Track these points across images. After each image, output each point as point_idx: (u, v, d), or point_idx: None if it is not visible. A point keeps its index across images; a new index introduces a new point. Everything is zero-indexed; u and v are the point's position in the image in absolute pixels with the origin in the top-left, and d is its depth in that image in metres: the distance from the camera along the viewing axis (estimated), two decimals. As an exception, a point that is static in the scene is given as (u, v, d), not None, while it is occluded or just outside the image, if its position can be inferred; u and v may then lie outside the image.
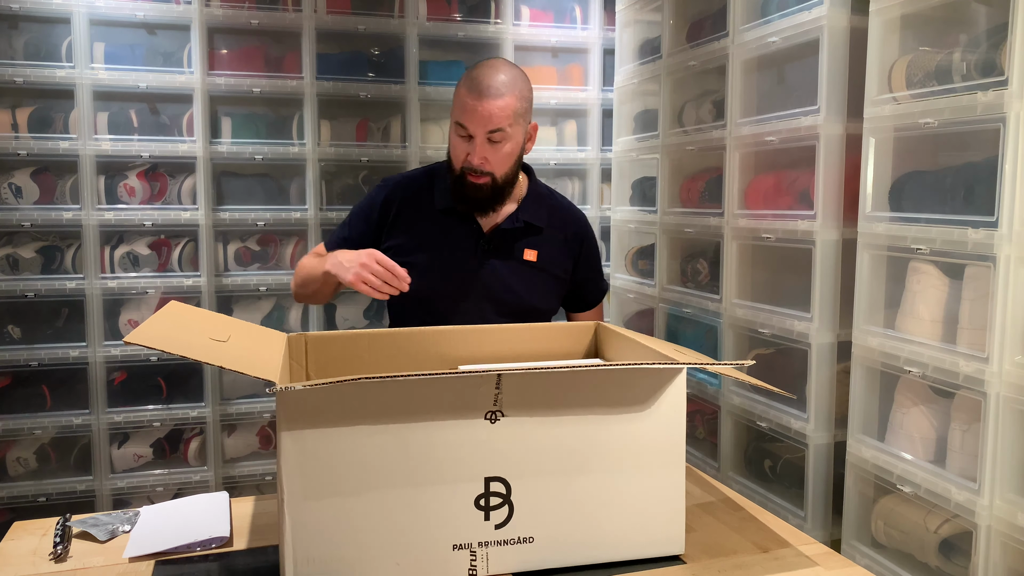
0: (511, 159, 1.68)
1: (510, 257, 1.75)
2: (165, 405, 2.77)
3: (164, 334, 1.05)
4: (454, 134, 1.68)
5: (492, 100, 1.61)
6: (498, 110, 1.61)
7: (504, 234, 1.74)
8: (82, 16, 2.61)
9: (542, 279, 1.78)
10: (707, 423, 2.52)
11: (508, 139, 1.64)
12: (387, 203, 1.75)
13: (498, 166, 1.66)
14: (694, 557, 1.13)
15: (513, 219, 1.75)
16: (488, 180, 1.66)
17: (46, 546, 1.16)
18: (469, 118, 1.62)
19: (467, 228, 1.73)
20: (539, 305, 1.78)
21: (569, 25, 3.11)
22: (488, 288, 1.72)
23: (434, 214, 1.74)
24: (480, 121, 1.61)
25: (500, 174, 1.67)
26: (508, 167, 1.68)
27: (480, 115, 1.61)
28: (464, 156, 1.65)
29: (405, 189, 1.77)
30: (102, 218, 2.68)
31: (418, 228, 1.73)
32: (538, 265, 1.77)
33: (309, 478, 0.99)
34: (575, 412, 1.07)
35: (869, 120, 1.80)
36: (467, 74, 1.67)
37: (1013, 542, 1.48)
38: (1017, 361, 1.47)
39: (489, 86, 1.62)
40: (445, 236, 1.72)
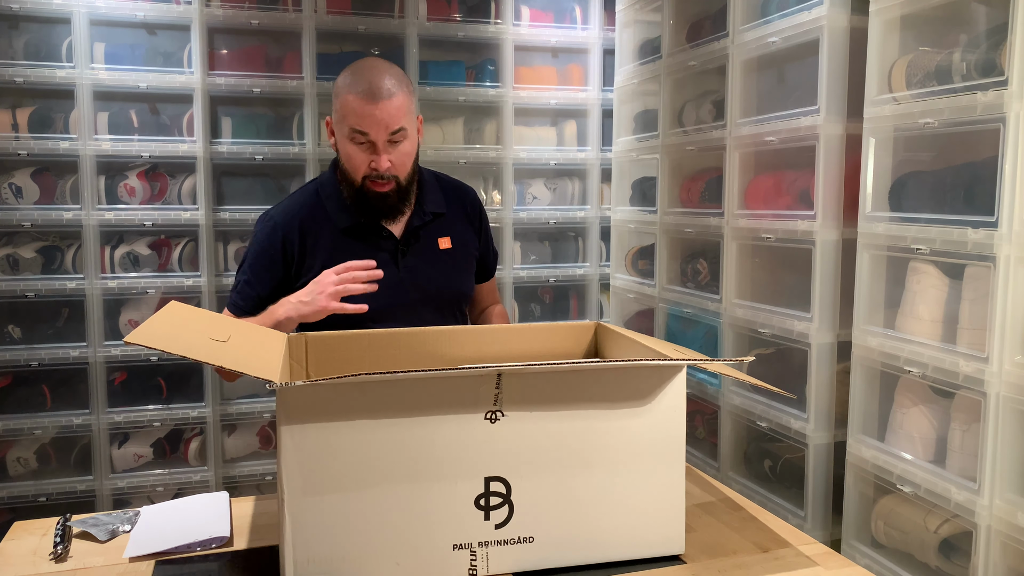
0: (411, 158, 1.62)
1: (428, 250, 1.70)
2: (165, 405, 2.77)
3: (164, 334, 1.05)
4: (349, 144, 1.57)
5: (388, 101, 1.53)
6: (395, 110, 1.53)
7: (416, 231, 1.69)
8: (82, 16, 2.61)
9: (461, 262, 1.75)
10: (707, 423, 2.52)
11: (407, 137, 1.58)
12: (286, 240, 1.63)
13: (401, 168, 1.59)
14: (694, 557, 1.13)
15: (420, 214, 1.69)
16: (392, 185, 1.59)
17: (46, 546, 1.16)
18: (369, 123, 1.53)
19: (378, 238, 1.66)
20: (464, 289, 1.77)
21: (569, 25, 3.11)
22: (418, 289, 1.67)
23: (337, 236, 1.64)
24: (381, 124, 1.53)
25: (404, 176, 1.61)
26: (410, 167, 1.62)
27: (379, 118, 1.53)
28: (367, 164, 1.57)
29: (299, 219, 1.65)
30: (102, 218, 2.68)
31: (327, 254, 1.63)
32: (454, 250, 1.73)
33: (309, 475, 0.98)
34: (575, 411, 1.07)
35: (869, 120, 1.80)
36: (350, 80, 1.55)
37: (1013, 542, 1.48)
38: (1017, 361, 1.47)
39: (380, 86, 1.53)
40: (359, 253, 1.62)
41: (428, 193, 1.72)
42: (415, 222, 1.68)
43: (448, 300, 1.73)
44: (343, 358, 1.38)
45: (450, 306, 1.74)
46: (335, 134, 1.62)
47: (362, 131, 1.54)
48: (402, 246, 1.67)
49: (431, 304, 1.70)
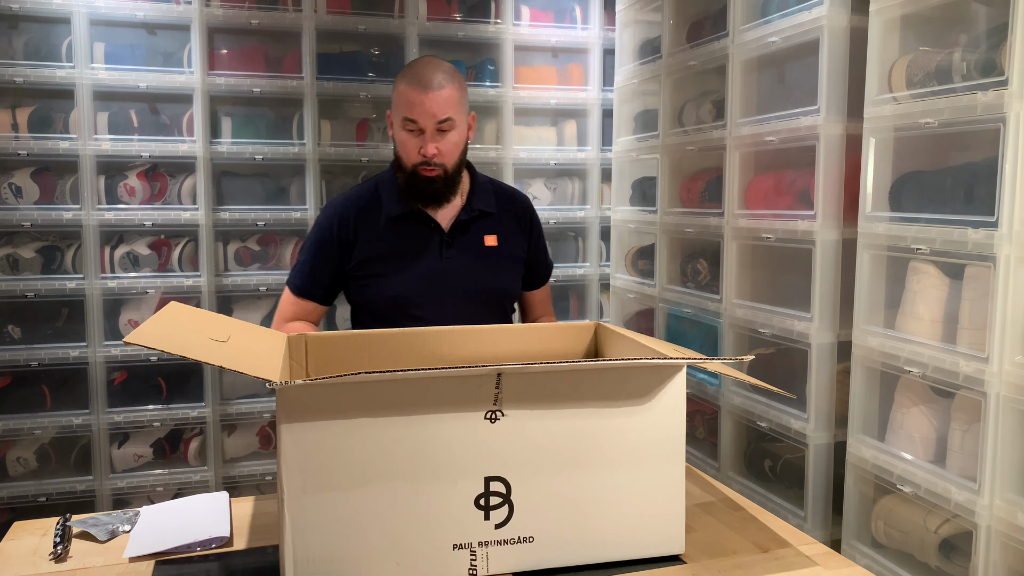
0: (459, 149, 1.74)
1: (473, 246, 1.80)
2: (165, 405, 2.77)
3: (164, 334, 1.05)
4: (402, 132, 1.71)
5: (437, 92, 1.66)
6: (444, 100, 1.66)
7: (464, 225, 1.79)
8: (82, 16, 2.61)
9: (505, 261, 1.84)
10: (707, 423, 2.52)
11: (455, 128, 1.70)
12: (341, 225, 1.77)
13: (448, 156, 1.71)
14: (694, 557, 1.12)
15: (468, 209, 1.80)
16: (440, 172, 1.71)
17: (46, 546, 1.16)
18: (418, 112, 1.66)
19: (426, 228, 1.77)
20: (507, 287, 1.85)
21: (569, 25, 3.11)
22: (460, 280, 1.76)
23: (388, 223, 1.77)
24: (429, 113, 1.66)
25: (451, 164, 1.72)
26: (457, 157, 1.73)
27: (428, 107, 1.65)
28: (416, 151, 1.69)
29: (353, 206, 1.78)
30: (102, 218, 2.68)
31: (378, 240, 1.76)
32: (499, 248, 1.82)
33: (309, 474, 0.98)
34: (575, 411, 1.07)
35: (869, 120, 1.80)
36: (405, 73, 1.71)
37: (1013, 542, 1.48)
38: (1017, 361, 1.47)
39: (431, 79, 1.66)
40: (407, 241, 1.76)
41: (479, 193, 1.83)
42: (462, 217, 1.79)
43: (490, 296, 1.81)
44: (343, 358, 1.38)
45: (493, 303, 1.82)
46: (392, 125, 1.75)
47: (412, 119, 1.67)
48: (447, 238, 1.77)
49: (473, 298, 1.78)
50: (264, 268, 2.88)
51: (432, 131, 1.68)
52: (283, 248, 2.90)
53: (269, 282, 2.84)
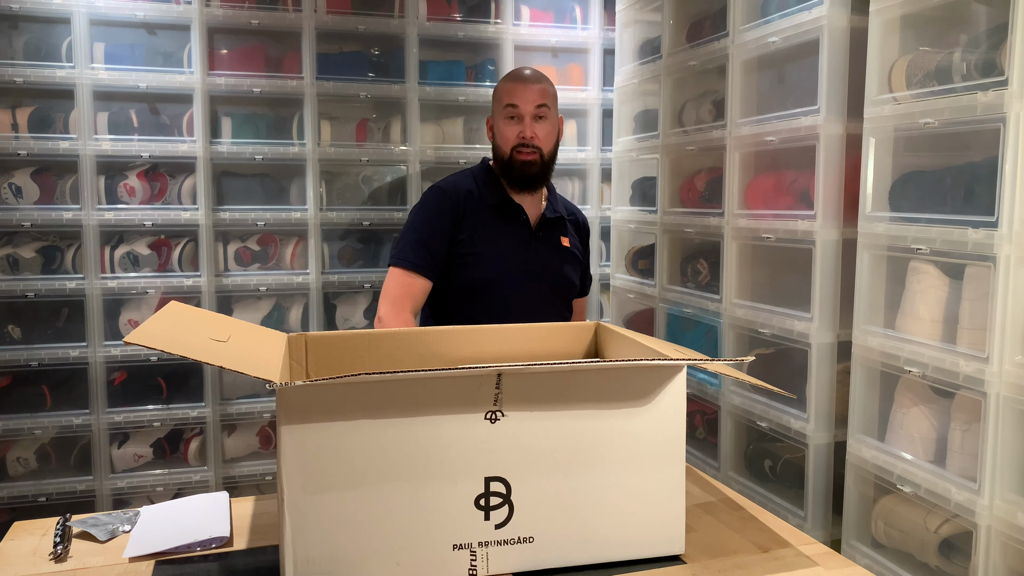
0: (552, 137, 1.95)
1: (554, 243, 2.02)
2: (165, 405, 2.77)
3: (164, 334, 1.05)
4: (502, 119, 1.92)
5: (535, 82, 1.91)
6: (541, 89, 1.92)
7: (548, 223, 2.02)
8: (82, 16, 2.61)
9: (574, 261, 2.08)
10: (707, 423, 2.52)
11: (550, 117, 1.93)
12: (455, 205, 1.94)
13: (544, 141, 1.91)
14: (694, 557, 1.12)
15: (551, 210, 2.02)
16: (536, 156, 1.91)
17: (46, 546, 1.16)
18: (519, 96, 1.88)
19: (518, 220, 1.98)
20: (576, 282, 2.09)
21: (569, 25, 3.11)
22: (543, 269, 1.98)
23: (487, 210, 1.96)
24: (528, 98, 1.89)
25: (546, 150, 1.93)
26: (551, 145, 1.95)
27: (528, 93, 1.89)
28: (515, 135, 1.90)
29: (460, 191, 1.97)
30: (102, 218, 2.68)
31: (480, 223, 1.95)
32: (571, 249, 2.06)
33: (309, 474, 0.98)
34: (575, 411, 1.07)
35: (869, 120, 1.80)
36: (507, 76, 1.97)
37: (1013, 542, 1.48)
38: (1017, 361, 1.47)
39: (530, 74, 1.94)
40: (502, 227, 1.96)
41: (554, 199, 2.08)
42: (548, 215, 2.02)
43: (561, 288, 2.04)
44: (343, 358, 1.38)
45: (562, 295, 2.05)
46: (492, 126, 2.00)
47: (512, 104, 1.90)
48: (536, 232, 2.01)
49: (549, 287, 2.00)
50: (264, 268, 2.88)
51: (530, 116, 1.89)
52: (283, 248, 2.90)
53: (269, 282, 2.84)
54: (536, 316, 1.89)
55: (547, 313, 1.97)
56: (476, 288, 1.93)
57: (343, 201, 2.94)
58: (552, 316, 1.99)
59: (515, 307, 1.91)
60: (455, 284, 1.94)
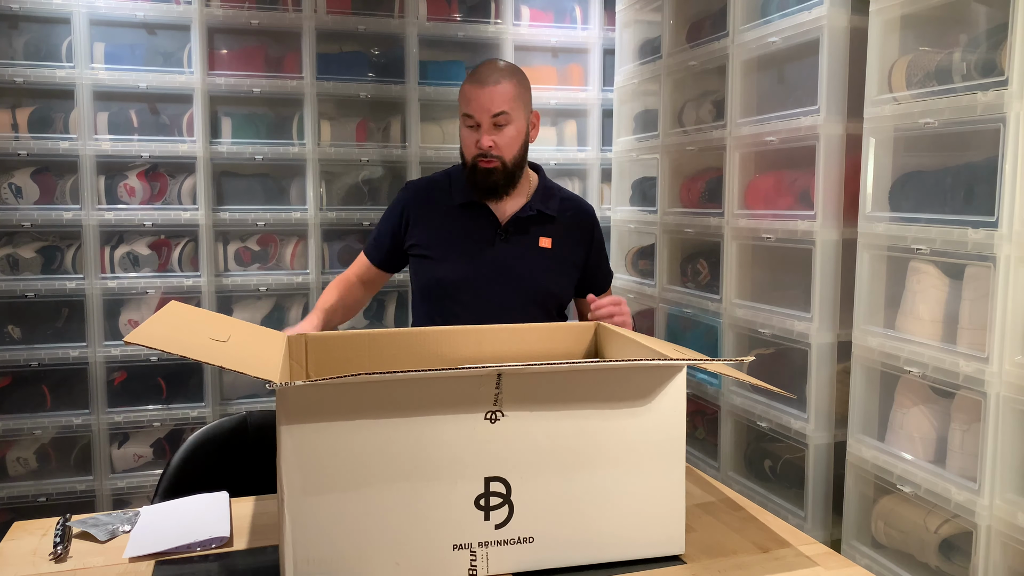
0: (517, 143, 1.79)
1: (526, 244, 1.84)
2: (165, 405, 2.77)
3: (164, 334, 1.05)
4: (463, 127, 1.80)
5: (492, 86, 1.74)
6: (498, 95, 1.74)
7: (519, 222, 1.84)
8: (82, 16, 2.61)
9: (556, 265, 1.86)
10: (707, 423, 2.52)
11: (511, 122, 1.76)
12: (406, 205, 1.88)
13: (506, 149, 1.77)
14: (694, 557, 1.12)
15: (527, 208, 1.85)
16: (498, 164, 1.77)
17: (46, 546, 1.16)
18: (474, 106, 1.75)
19: (485, 219, 1.84)
20: (554, 289, 1.86)
21: (569, 25, 3.11)
22: (507, 272, 1.81)
23: (453, 210, 1.85)
24: (483, 107, 1.74)
25: (508, 158, 1.78)
26: (515, 151, 1.79)
27: (482, 101, 1.74)
28: (474, 144, 1.77)
29: (423, 190, 1.90)
30: (102, 218, 2.68)
31: (437, 223, 1.85)
32: (552, 252, 1.85)
33: (309, 474, 0.98)
34: (575, 411, 1.07)
35: (869, 120, 1.80)
36: (470, 76, 1.80)
37: (1013, 542, 1.48)
38: (1017, 361, 1.47)
39: (488, 75, 1.75)
40: (464, 227, 1.84)
41: (542, 195, 1.88)
42: (520, 214, 1.84)
43: (533, 294, 1.83)
44: (343, 358, 1.38)
45: (538, 301, 1.84)
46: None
47: (469, 113, 1.77)
48: (502, 232, 1.83)
49: (517, 292, 1.82)
50: (264, 268, 2.88)
51: (488, 125, 1.75)
52: (283, 248, 2.90)
53: (269, 282, 2.84)
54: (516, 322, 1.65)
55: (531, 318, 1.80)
56: (433, 290, 1.83)
57: (343, 201, 2.94)
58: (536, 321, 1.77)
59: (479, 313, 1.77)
60: (416, 286, 1.89)
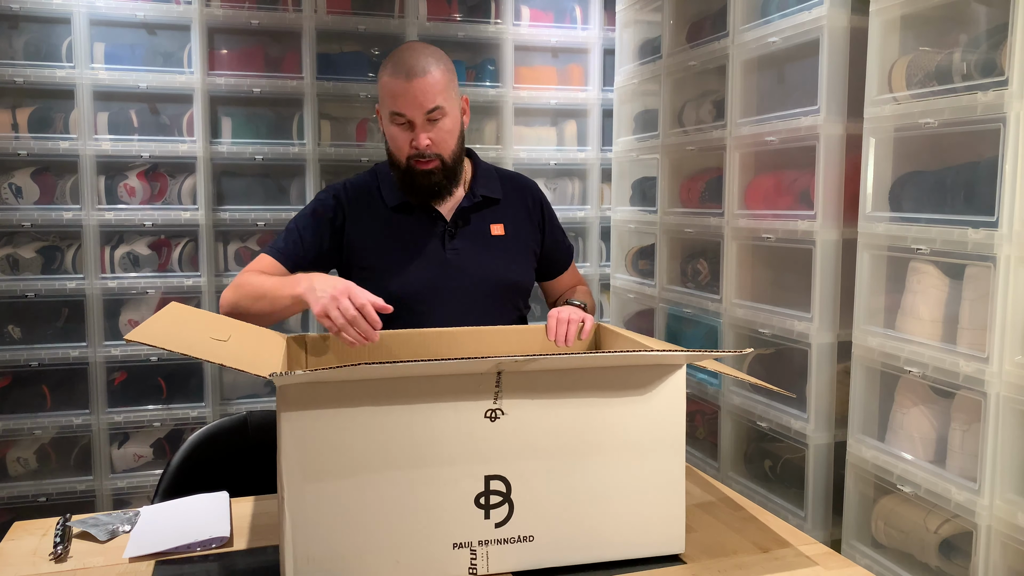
0: (454, 136, 1.61)
1: (479, 236, 1.68)
2: (165, 405, 2.77)
3: (164, 332, 1.05)
4: (391, 126, 1.59)
5: (422, 79, 1.53)
6: (430, 88, 1.54)
7: (466, 213, 1.68)
8: (82, 16, 2.61)
9: (515, 252, 1.72)
10: (707, 423, 2.52)
11: (446, 115, 1.58)
12: (338, 205, 1.66)
13: (443, 146, 1.59)
14: (694, 557, 1.12)
15: (470, 196, 1.68)
16: (437, 163, 1.59)
17: (46, 546, 1.16)
18: (404, 104, 1.54)
19: (427, 217, 1.66)
20: (517, 279, 1.72)
21: (569, 25, 3.11)
22: (465, 271, 1.65)
23: (387, 214, 1.66)
24: (415, 103, 1.54)
25: (447, 154, 1.60)
26: (453, 145, 1.62)
27: (414, 97, 1.54)
28: (408, 144, 1.58)
29: (352, 192, 1.69)
30: (102, 218, 2.68)
31: (375, 230, 1.65)
32: (507, 238, 1.71)
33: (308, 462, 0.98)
34: (575, 409, 1.07)
35: (869, 120, 1.80)
36: (388, 65, 1.58)
37: (1013, 542, 1.47)
38: (1017, 361, 1.47)
39: (414, 66, 1.54)
40: (407, 231, 1.65)
41: (483, 180, 1.72)
42: (465, 204, 1.68)
43: (499, 289, 1.68)
44: (342, 359, 1.38)
45: (502, 298, 1.68)
46: (381, 120, 1.64)
47: (399, 112, 1.56)
48: (450, 228, 1.66)
49: (480, 290, 1.65)
50: (264, 268, 2.87)
51: (422, 121, 1.56)
52: (283, 248, 2.90)
53: (269, 282, 2.84)
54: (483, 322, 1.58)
55: (499, 316, 1.65)
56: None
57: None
58: (505, 318, 1.67)
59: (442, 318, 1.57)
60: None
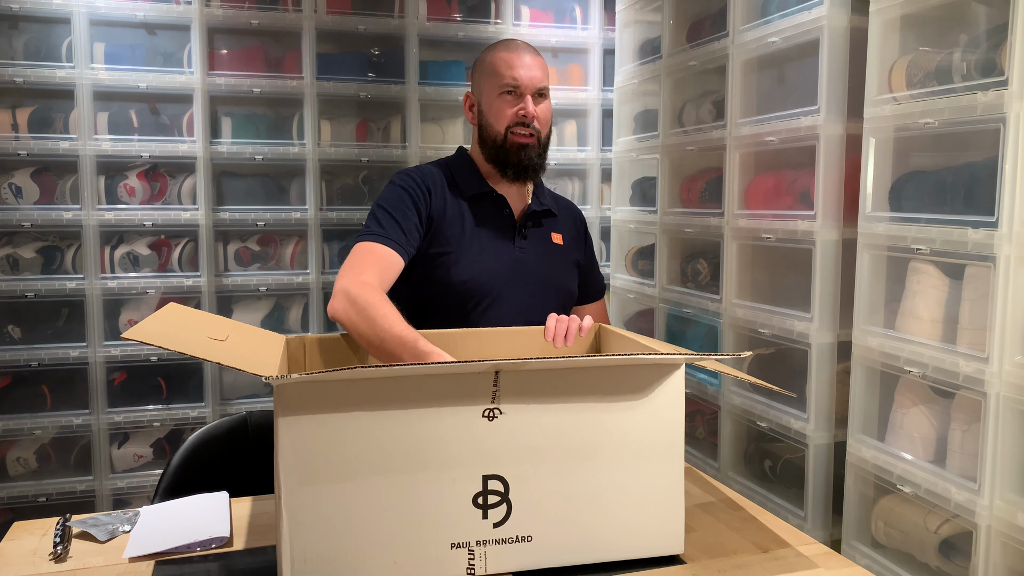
0: (550, 121, 1.71)
1: (544, 240, 1.75)
2: (165, 405, 2.77)
3: (163, 331, 1.05)
4: (496, 99, 1.65)
5: (537, 57, 1.66)
6: (542, 67, 1.66)
7: (535, 217, 1.74)
8: (82, 16, 2.61)
9: (570, 263, 1.79)
10: (707, 423, 2.52)
11: (548, 99, 1.69)
12: (424, 188, 1.67)
13: (544, 124, 1.68)
14: (694, 557, 1.12)
15: (538, 204, 1.75)
16: (534, 139, 1.66)
17: (46, 546, 1.16)
18: (521, 71, 1.63)
19: (500, 213, 1.71)
20: (571, 287, 1.78)
21: (569, 25, 3.11)
22: (532, 271, 1.69)
23: (462, 204, 1.69)
24: (532, 75, 1.64)
25: (544, 133, 1.68)
26: (548, 129, 1.70)
27: (532, 69, 1.64)
28: (514, 113, 1.64)
29: (432, 178, 1.70)
30: (102, 218, 2.68)
31: (454, 217, 1.67)
32: (564, 249, 1.78)
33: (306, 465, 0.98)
34: (574, 409, 1.06)
35: (869, 120, 1.80)
36: (498, 46, 1.68)
37: (1013, 542, 1.47)
38: (1017, 361, 1.46)
39: (524, 47, 1.66)
40: (483, 222, 1.69)
41: (541, 192, 1.79)
42: (534, 208, 1.74)
43: (559, 293, 1.74)
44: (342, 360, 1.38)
45: (559, 301, 1.72)
46: (477, 101, 1.71)
47: (513, 81, 1.63)
48: (520, 227, 1.72)
49: (543, 292, 1.70)
50: (264, 268, 2.88)
51: (533, 94, 1.64)
52: (283, 248, 2.90)
53: (269, 282, 2.84)
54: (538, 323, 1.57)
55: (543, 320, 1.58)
56: (454, 293, 1.62)
57: (343, 201, 2.94)
58: None
59: (501, 314, 1.63)
60: (429, 290, 1.64)
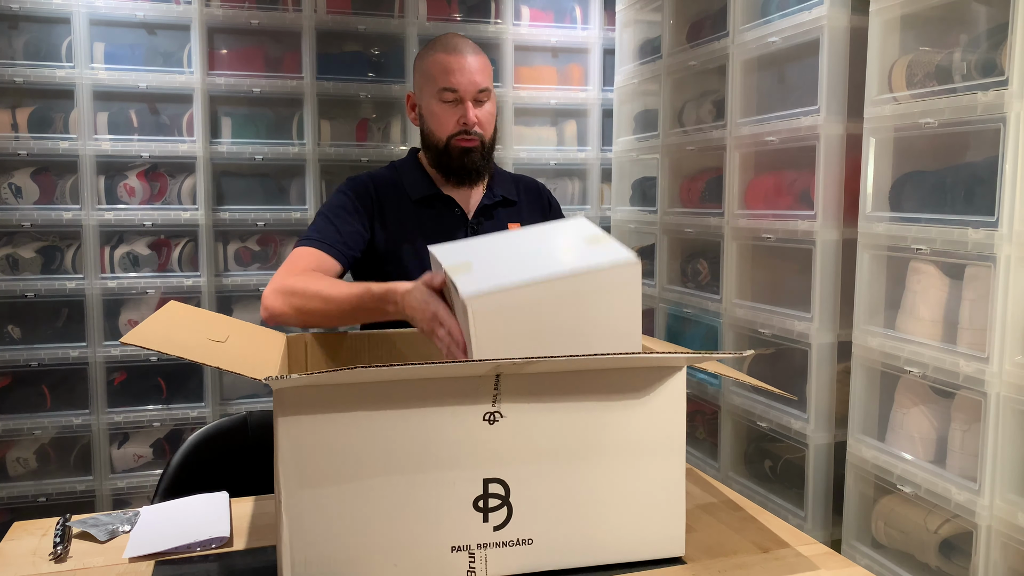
0: (493, 122, 1.66)
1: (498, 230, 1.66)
2: (165, 405, 2.77)
3: (161, 334, 1.05)
4: (436, 104, 1.60)
5: (476, 57, 1.59)
6: (482, 69, 1.59)
7: (488, 211, 1.70)
8: (82, 16, 2.61)
9: None
10: (707, 423, 2.52)
11: (490, 99, 1.63)
12: (368, 195, 1.65)
13: (486, 127, 1.63)
14: (694, 558, 1.12)
15: (490, 195, 1.71)
16: (478, 143, 1.61)
17: (46, 546, 1.16)
18: (458, 79, 1.57)
19: (451, 213, 1.68)
20: None
21: (569, 25, 3.11)
22: None
23: (411, 207, 1.66)
24: (470, 80, 1.57)
25: (487, 136, 1.64)
26: (492, 130, 1.65)
27: (470, 73, 1.57)
28: (454, 121, 1.59)
29: (378, 183, 1.68)
30: (102, 218, 2.68)
31: (401, 222, 1.65)
32: None
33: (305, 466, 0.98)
34: (574, 411, 1.06)
35: (869, 120, 1.80)
36: (436, 46, 1.61)
37: (1013, 542, 1.47)
38: (1017, 361, 1.46)
39: (466, 48, 1.59)
40: (432, 225, 1.65)
41: (499, 180, 1.75)
42: (486, 201, 1.70)
43: None
44: (343, 359, 1.38)
45: None
46: (418, 104, 1.66)
47: (451, 87, 1.57)
48: (473, 223, 1.68)
49: None
50: (264, 268, 2.87)
51: (472, 99, 1.59)
52: (283, 248, 2.90)
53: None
54: None
55: None
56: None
57: (343, 201, 2.94)
58: None
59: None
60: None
